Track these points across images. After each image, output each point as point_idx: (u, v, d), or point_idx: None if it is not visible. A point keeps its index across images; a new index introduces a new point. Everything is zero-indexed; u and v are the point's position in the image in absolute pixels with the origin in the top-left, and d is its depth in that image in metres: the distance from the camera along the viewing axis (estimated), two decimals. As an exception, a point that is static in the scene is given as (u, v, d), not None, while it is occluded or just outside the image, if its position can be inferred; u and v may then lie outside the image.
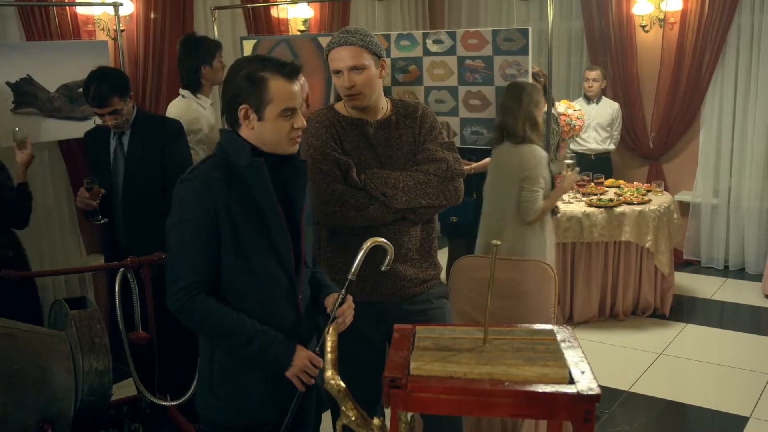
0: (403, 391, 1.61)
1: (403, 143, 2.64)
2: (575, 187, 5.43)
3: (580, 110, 5.65)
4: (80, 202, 3.61)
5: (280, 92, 2.09)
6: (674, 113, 6.51)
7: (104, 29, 4.90)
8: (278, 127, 2.12)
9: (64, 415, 2.61)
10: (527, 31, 4.03)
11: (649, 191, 5.50)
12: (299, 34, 6.10)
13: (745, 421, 3.89)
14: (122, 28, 4.83)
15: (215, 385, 2.22)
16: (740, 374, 4.45)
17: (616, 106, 6.44)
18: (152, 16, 5.08)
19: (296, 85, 2.13)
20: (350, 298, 2.22)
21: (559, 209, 4.88)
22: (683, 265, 6.53)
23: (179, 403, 3.31)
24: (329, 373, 1.72)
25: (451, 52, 4.20)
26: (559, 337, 1.86)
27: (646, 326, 5.10)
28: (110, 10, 4.77)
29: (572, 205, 5.22)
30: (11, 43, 4.37)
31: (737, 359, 4.64)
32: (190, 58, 4.05)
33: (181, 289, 2.10)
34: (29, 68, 4.30)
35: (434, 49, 4.24)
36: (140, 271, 3.26)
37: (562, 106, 5.57)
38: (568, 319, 5.22)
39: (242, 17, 5.75)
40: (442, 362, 1.68)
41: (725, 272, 6.43)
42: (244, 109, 2.11)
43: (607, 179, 5.84)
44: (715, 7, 6.13)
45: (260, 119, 2.11)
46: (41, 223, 4.57)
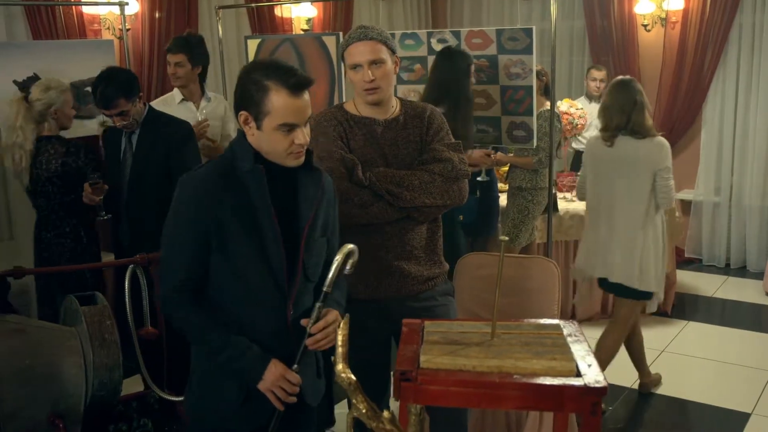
0: (413, 384, 1.64)
1: (409, 143, 2.67)
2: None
3: (582, 109, 5.68)
4: (85, 197, 3.66)
5: (279, 105, 2.01)
6: (676, 112, 6.54)
7: (109, 28, 4.94)
8: (276, 140, 2.06)
9: (74, 409, 2.65)
10: (531, 30, 4.05)
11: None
12: (302, 33, 6.13)
13: (747, 417, 3.92)
14: (127, 27, 4.87)
15: (195, 384, 2.22)
16: (742, 371, 4.48)
17: (617, 104, 6.45)
18: (157, 15, 5.12)
19: (301, 99, 2.04)
20: (333, 314, 2.16)
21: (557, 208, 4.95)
22: (685, 263, 6.56)
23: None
24: (340, 366, 1.75)
25: (455, 51, 4.23)
26: (565, 331, 1.89)
27: (648, 324, 5.11)
28: (116, 9, 4.80)
29: (574, 203, 5.25)
30: (18, 42, 4.41)
31: (739, 356, 4.68)
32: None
33: (168, 287, 2.10)
34: (36, 67, 4.33)
35: (439, 48, 4.26)
36: (149, 267, 3.30)
37: (564, 104, 5.60)
38: (570, 316, 5.25)
39: (246, 16, 5.78)
40: (451, 356, 1.71)
41: (727, 270, 6.47)
42: (243, 115, 2.08)
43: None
44: (716, 6, 6.17)
45: (258, 128, 2.06)
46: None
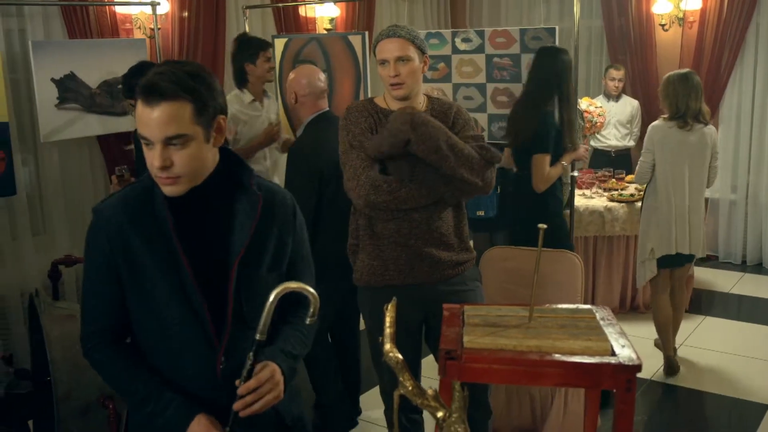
0: (458, 362, 1.75)
1: None
2: (596, 182, 5.57)
3: (601, 107, 5.78)
4: (112, 189, 3.81)
5: (138, 114, 1.72)
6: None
7: (140, 28, 5.07)
8: (147, 157, 1.76)
9: (121, 392, 2.77)
10: (554, 29, 4.16)
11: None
12: (325, 32, 6.25)
13: (764, 408, 4.01)
14: (158, 26, 5.00)
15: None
16: (759, 364, 4.57)
17: (635, 103, 6.56)
18: (185, 14, 5.24)
19: (152, 110, 1.68)
20: (269, 369, 1.77)
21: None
22: (701, 260, 6.58)
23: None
24: (388, 346, 1.85)
25: (479, 50, 4.34)
26: (598, 315, 2.00)
27: (666, 318, 5.21)
28: (147, 9, 4.93)
29: (594, 199, 5.34)
30: (55, 40, 4.54)
31: (756, 350, 4.77)
32: (237, 55, 4.30)
33: (86, 332, 1.86)
34: (72, 65, 4.47)
35: (463, 47, 4.38)
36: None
37: (584, 103, 5.69)
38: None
39: (272, 16, 5.91)
40: (492, 336, 1.83)
41: (743, 267, 6.55)
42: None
43: (627, 175, 5.95)
44: (734, 6, 6.24)
45: None
46: (81, 214, 4.76)
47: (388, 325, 1.92)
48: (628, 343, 1.83)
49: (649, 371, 4.43)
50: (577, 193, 5.43)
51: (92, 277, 1.84)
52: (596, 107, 5.68)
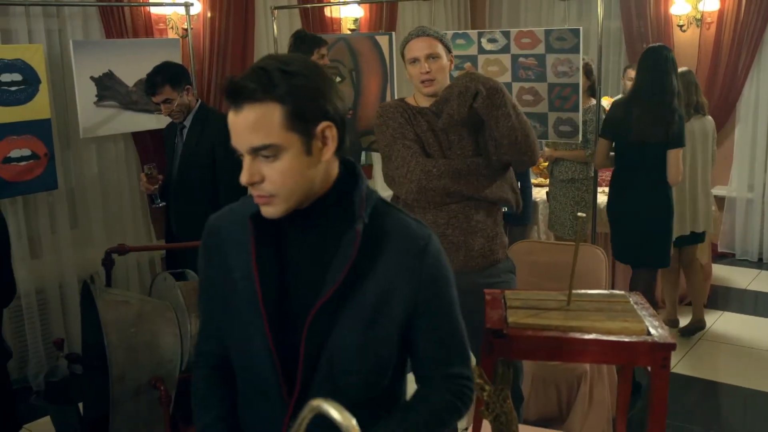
0: (504, 340, 1.88)
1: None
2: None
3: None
4: (141, 186, 3.97)
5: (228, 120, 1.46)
6: (711, 110, 6.68)
7: (173, 28, 5.21)
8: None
9: (171, 375, 2.91)
10: (578, 30, 4.28)
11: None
12: (349, 32, 6.39)
13: (782, 399, 4.14)
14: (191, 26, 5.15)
15: None
16: (776, 357, 4.70)
17: (653, 102, 6.67)
18: (211, 15, 5.37)
19: (239, 116, 1.40)
20: None
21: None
22: (718, 257, 6.74)
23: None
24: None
25: (505, 50, 4.47)
26: (631, 300, 2.13)
27: (685, 313, 5.31)
28: (180, 9, 5.08)
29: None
30: (94, 40, 4.69)
31: (772, 344, 4.89)
32: (294, 51, 4.38)
33: (195, 349, 1.73)
34: (110, 64, 4.62)
35: (489, 47, 4.50)
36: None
37: (604, 102, 5.80)
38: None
39: (298, 16, 6.05)
40: (534, 317, 1.96)
41: (759, 264, 6.65)
42: None
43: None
44: (751, 7, 6.34)
45: None
46: (117, 209, 4.92)
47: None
48: (661, 324, 1.96)
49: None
50: (598, 189, 5.56)
51: (201, 293, 1.65)
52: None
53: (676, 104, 4.11)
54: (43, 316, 4.59)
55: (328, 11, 6.27)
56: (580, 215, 2.00)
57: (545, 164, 6.15)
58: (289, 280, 1.49)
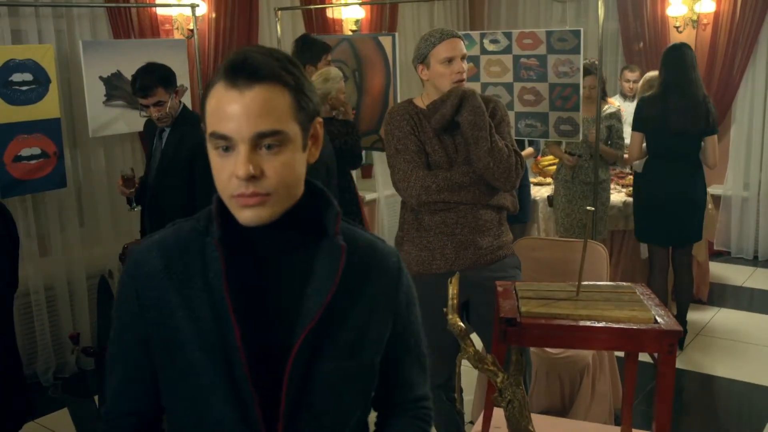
0: (517, 328, 1.97)
1: None
2: (614, 178, 5.78)
3: (620, 107, 5.97)
4: (117, 189, 3.95)
5: (214, 104, 1.24)
6: (707, 110, 6.83)
7: (179, 29, 5.28)
8: (220, 169, 1.25)
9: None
10: (579, 32, 4.37)
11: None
12: (351, 33, 6.47)
13: (778, 392, 4.24)
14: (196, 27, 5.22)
15: None
16: (771, 352, 4.80)
17: (650, 103, 6.77)
18: (215, 16, 5.44)
19: (245, 96, 1.20)
20: None
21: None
22: (714, 255, 6.83)
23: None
24: (451, 316, 2.08)
25: (507, 51, 4.55)
26: (637, 291, 2.22)
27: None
28: (186, 10, 5.15)
29: (613, 195, 5.54)
30: (103, 40, 4.76)
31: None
32: (300, 56, 4.43)
33: (103, 412, 1.41)
34: (119, 64, 4.69)
35: (491, 48, 4.59)
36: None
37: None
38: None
39: (301, 17, 6.12)
40: (546, 307, 2.04)
41: (755, 262, 6.76)
42: None
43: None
44: (746, 9, 6.45)
45: None
46: (124, 207, 4.97)
47: (451, 297, 2.14)
48: (666, 313, 2.04)
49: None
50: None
51: (118, 339, 1.36)
52: (616, 107, 5.88)
53: (707, 95, 4.41)
54: (52, 312, 4.65)
55: (330, 12, 6.35)
56: (589, 209, 2.08)
57: (545, 164, 6.25)
58: (265, 308, 1.29)
